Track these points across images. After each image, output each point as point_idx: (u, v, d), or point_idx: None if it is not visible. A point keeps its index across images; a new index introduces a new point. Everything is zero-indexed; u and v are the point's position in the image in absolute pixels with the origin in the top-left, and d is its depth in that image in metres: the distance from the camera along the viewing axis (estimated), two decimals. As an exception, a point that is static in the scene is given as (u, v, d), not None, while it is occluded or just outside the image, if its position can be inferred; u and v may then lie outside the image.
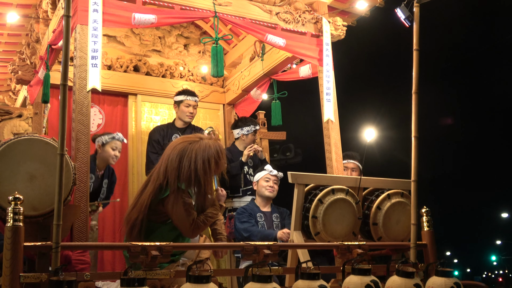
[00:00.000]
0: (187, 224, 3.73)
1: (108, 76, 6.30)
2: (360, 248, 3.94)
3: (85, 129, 4.20)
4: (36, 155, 3.41)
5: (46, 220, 3.38)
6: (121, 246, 3.65)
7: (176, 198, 3.74)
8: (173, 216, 3.76)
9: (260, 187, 5.55)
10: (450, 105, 21.92)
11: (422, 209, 4.27)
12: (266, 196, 5.52)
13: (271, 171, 5.58)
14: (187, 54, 7.00)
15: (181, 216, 3.73)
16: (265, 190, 5.51)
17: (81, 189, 4.04)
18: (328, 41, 5.53)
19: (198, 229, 3.80)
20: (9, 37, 6.61)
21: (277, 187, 5.60)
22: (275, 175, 5.58)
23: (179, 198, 3.74)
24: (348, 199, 4.33)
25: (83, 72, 4.28)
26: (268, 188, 5.51)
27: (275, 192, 5.60)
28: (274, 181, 5.57)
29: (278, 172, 5.62)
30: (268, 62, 6.34)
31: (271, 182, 5.54)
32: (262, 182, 5.55)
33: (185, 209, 3.73)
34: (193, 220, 3.75)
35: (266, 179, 5.55)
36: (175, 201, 3.73)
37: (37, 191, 3.36)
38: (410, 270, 3.50)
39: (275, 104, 6.60)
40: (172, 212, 3.75)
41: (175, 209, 3.73)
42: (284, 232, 5.14)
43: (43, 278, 2.93)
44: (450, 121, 22.74)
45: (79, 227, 3.95)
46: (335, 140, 5.35)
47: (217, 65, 4.80)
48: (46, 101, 5.42)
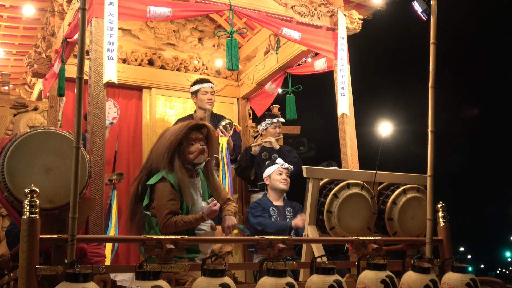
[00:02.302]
0: (161, 216, 3.82)
1: (123, 69, 6.31)
2: (375, 243, 3.92)
3: (100, 122, 4.22)
4: (52, 148, 3.43)
5: (62, 213, 3.39)
6: (136, 240, 3.66)
7: (162, 188, 3.86)
8: (155, 203, 3.87)
9: (273, 180, 5.54)
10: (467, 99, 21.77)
11: (438, 204, 4.24)
12: (281, 189, 5.53)
13: (283, 164, 5.59)
14: (202, 48, 6.99)
15: (158, 206, 3.86)
16: (280, 183, 5.52)
17: (96, 182, 4.06)
18: (343, 35, 5.49)
19: (167, 227, 3.80)
20: (25, 30, 6.65)
21: (289, 180, 5.60)
22: (286, 168, 5.58)
23: (165, 188, 3.86)
24: (363, 194, 4.31)
25: (99, 65, 4.29)
26: (282, 181, 5.53)
27: (288, 184, 5.61)
28: (286, 173, 5.58)
29: (289, 166, 5.62)
30: (283, 56, 6.31)
31: (284, 175, 5.55)
32: (274, 175, 5.55)
33: (163, 203, 3.83)
34: (166, 215, 3.81)
35: (279, 172, 5.55)
36: (160, 190, 3.87)
37: (53, 184, 3.38)
38: (426, 266, 3.48)
39: (289, 98, 6.58)
40: (156, 199, 3.87)
41: (157, 196, 3.87)
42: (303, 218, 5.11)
43: (59, 271, 2.94)
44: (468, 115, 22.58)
45: (95, 220, 3.97)
46: (350, 135, 5.32)
47: (232, 58, 4.79)
48: (61, 94, 5.44)
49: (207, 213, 3.88)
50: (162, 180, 3.90)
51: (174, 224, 3.78)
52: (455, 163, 19.67)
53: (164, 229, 3.80)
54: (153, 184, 3.91)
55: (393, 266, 3.80)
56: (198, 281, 2.96)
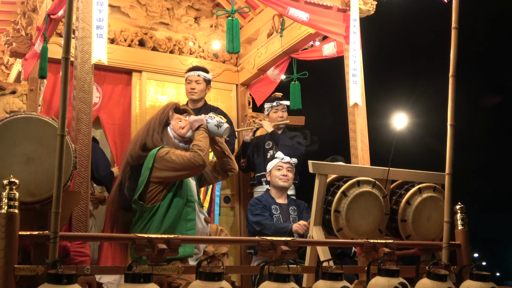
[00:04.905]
0: (184, 158, 3.91)
1: (111, 50, 6.26)
2: (387, 247, 3.93)
3: (87, 108, 4.22)
4: (34, 135, 3.42)
5: (44, 207, 3.40)
6: (125, 238, 3.67)
7: (161, 154, 3.96)
8: (169, 169, 3.93)
9: (273, 177, 5.55)
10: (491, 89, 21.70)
11: (456, 206, 4.26)
12: (280, 186, 5.52)
13: (283, 158, 5.56)
14: (198, 28, 6.97)
15: (174, 159, 3.92)
16: (279, 180, 5.51)
17: (81, 174, 4.06)
18: (356, 17, 5.47)
19: (198, 152, 3.92)
20: (3, 5, 6.61)
21: (291, 175, 5.58)
22: (287, 162, 5.56)
23: (162, 151, 3.98)
24: (374, 193, 4.32)
25: (86, 44, 4.28)
26: (282, 178, 5.51)
27: (291, 181, 5.59)
28: (287, 168, 5.55)
29: (291, 159, 5.60)
30: (288, 39, 6.30)
31: (284, 170, 5.53)
32: (274, 171, 5.55)
33: (172, 152, 3.96)
34: (186, 152, 3.96)
35: (279, 168, 5.55)
36: (165, 150, 3.97)
37: (34, 175, 3.37)
38: (443, 273, 3.49)
39: (294, 85, 6.58)
40: (165, 166, 3.92)
41: (166, 157, 3.94)
42: (300, 225, 5.13)
43: (39, 271, 2.94)
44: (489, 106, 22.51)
45: (79, 215, 3.97)
46: (361, 127, 5.31)
47: (233, 40, 4.79)
48: (43, 77, 5.43)
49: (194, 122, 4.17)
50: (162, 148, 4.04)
51: (198, 153, 3.92)
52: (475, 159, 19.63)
53: (200, 157, 3.91)
54: (154, 154, 3.99)
55: (406, 273, 3.82)
56: (193, 285, 2.96)
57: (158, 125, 4.16)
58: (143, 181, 3.90)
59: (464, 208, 4.27)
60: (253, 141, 6.37)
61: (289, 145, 5.92)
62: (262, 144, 6.24)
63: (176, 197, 3.94)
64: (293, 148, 5.91)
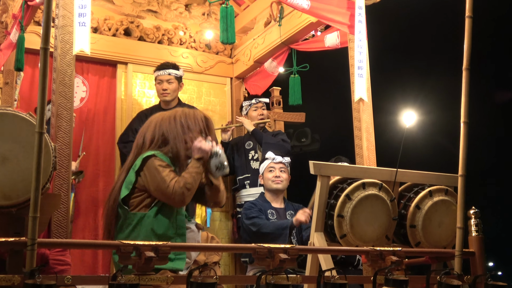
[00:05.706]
0: (165, 185, 3.67)
1: (94, 40, 6.25)
2: (394, 255, 3.93)
3: (67, 103, 4.21)
4: (9, 133, 3.40)
5: (20, 211, 3.39)
6: (109, 245, 3.66)
7: (150, 165, 3.74)
8: (150, 185, 3.73)
9: (266, 180, 5.56)
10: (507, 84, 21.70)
11: (470, 210, 4.27)
12: (274, 188, 5.53)
13: (274, 158, 5.56)
14: (189, 16, 6.98)
15: (162, 180, 3.69)
16: (272, 183, 5.52)
17: (62, 176, 4.05)
18: (361, 4, 5.46)
19: (183, 191, 3.67)
20: (-25, -10, 6.61)
21: (286, 175, 5.59)
22: (280, 162, 5.56)
23: (154, 162, 3.74)
24: (381, 196, 4.32)
25: (67, 34, 4.27)
26: (275, 180, 5.52)
27: (285, 182, 5.60)
28: (280, 169, 5.56)
29: (283, 158, 5.60)
30: (287, 28, 6.31)
31: (277, 171, 5.54)
32: (266, 174, 5.56)
33: (160, 171, 3.70)
34: (171, 179, 3.68)
35: (270, 169, 5.55)
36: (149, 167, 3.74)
37: (9, 177, 3.36)
38: (455, 283, 3.50)
39: (294, 79, 6.60)
40: (148, 179, 3.73)
41: (151, 173, 3.72)
42: (305, 212, 5.11)
43: (15, 281, 2.93)
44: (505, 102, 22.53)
45: (59, 220, 3.96)
46: (367, 124, 5.31)
47: (227, 29, 4.78)
48: (19, 69, 5.44)
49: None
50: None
51: (182, 191, 3.66)
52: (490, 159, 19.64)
53: (181, 195, 3.68)
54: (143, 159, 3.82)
55: (416, 283, 3.83)
56: (183, 296, 2.97)
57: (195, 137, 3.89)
58: (129, 183, 3.87)
59: (478, 213, 4.28)
60: (232, 142, 6.38)
61: (273, 143, 5.94)
62: (242, 145, 6.26)
63: (164, 207, 3.84)
64: (278, 145, 5.92)
